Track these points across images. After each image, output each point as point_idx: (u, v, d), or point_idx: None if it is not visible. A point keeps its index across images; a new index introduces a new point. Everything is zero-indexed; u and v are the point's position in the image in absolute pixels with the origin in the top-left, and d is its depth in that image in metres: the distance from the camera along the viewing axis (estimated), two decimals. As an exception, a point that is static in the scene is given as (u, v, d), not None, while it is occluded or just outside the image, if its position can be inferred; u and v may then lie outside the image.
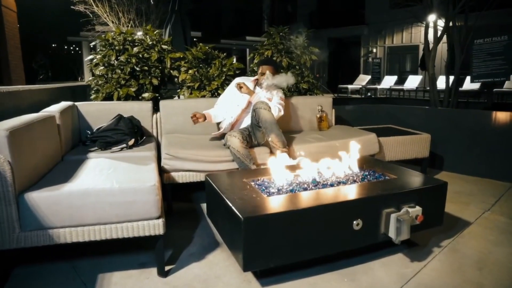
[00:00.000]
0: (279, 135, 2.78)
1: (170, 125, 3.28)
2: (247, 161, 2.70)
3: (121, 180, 1.84)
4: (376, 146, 3.21)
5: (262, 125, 2.79)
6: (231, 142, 2.72)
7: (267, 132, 2.78)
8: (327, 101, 3.73)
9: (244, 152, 2.70)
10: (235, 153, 2.70)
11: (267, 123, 2.77)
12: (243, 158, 2.70)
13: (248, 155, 2.72)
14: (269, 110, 2.80)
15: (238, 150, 2.69)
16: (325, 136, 3.21)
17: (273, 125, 2.78)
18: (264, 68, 3.18)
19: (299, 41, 4.10)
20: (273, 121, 2.79)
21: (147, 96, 3.77)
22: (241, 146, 2.70)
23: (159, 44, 3.94)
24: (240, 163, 2.72)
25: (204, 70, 3.87)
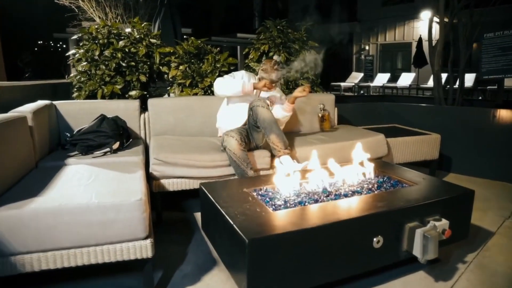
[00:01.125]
0: (279, 135, 2.51)
1: (160, 125, 2.99)
2: (244, 166, 2.43)
3: (101, 193, 1.55)
4: (384, 148, 2.96)
5: (261, 125, 2.52)
6: (228, 143, 2.45)
7: (267, 132, 2.52)
8: (329, 99, 3.48)
9: (241, 156, 2.44)
10: (231, 155, 2.44)
11: (266, 123, 2.50)
12: (240, 162, 2.43)
13: (246, 159, 2.45)
14: (267, 108, 2.53)
15: (235, 152, 2.43)
16: (329, 137, 2.95)
17: (272, 124, 2.51)
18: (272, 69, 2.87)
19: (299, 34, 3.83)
20: (272, 120, 2.52)
21: (134, 94, 3.47)
22: (239, 149, 2.44)
23: (147, 38, 3.64)
24: (236, 167, 2.45)
25: (196, 66, 3.58)
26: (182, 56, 3.63)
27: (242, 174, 2.44)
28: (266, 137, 2.54)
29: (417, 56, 13.88)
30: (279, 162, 2.49)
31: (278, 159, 2.50)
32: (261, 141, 2.66)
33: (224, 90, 2.68)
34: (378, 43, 17.42)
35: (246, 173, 2.43)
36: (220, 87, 2.69)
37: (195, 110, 3.06)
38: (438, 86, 4.32)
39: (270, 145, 2.53)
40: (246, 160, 2.46)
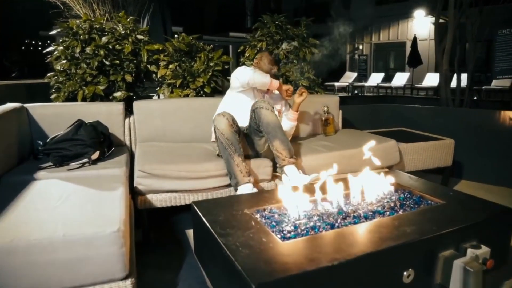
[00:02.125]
0: (284, 141, 2.22)
1: (147, 131, 2.67)
2: (232, 150, 2.15)
3: (70, 221, 1.25)
4: (396, 155, 2.69)
5: (264, 129, 2.23)
6: (218, 122, 2.20)
7: (270, 138, 2.23)
8: (333, 101, 3.19)
9: (230, 137, 2.17)
10: (219, 136, 2.18)
11: (270, 127, 2.21)
12: (227, 144, 2.15)
13: (235, 143, 2.17)
14: (272, 110, 2.24)
15: (223, 132, 2.17)
16: (335, 143, 2.67)
17: (277, 129, 2.22)
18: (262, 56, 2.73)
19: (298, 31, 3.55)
20: (277, 125, 2.23)
21: (119, 95, 3.15)
22: (229, 130, 2.18)
23: (133, 34, 3.32)
24: (223, 151, 2.18)
25: (188, 65, 3.28)
26: (172, 54, 3.32)
27: (227, 160, 2.16)
28: (269, 144, 2.25)
29: (411, 56, 13.72)
30: (284, 173, 2.20)
31: (282, 169, 2.21)
32: (262, 147, 2.37)
33: (249, 78, 2.43)
34: (372, 42, 17.24)
35: (232, 158, 2.15)
36: (244, 74, 2.45)
37: (186, 113, 2.75)
38: (445, 87, 4.07)
39: (274, 152, 2.24)
40: (235, 144, 2.18)
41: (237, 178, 2.14)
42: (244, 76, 2.44)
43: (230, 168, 2.16)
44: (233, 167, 2.15)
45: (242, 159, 2.18)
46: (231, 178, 2.18)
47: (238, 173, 2.14)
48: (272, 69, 2.65)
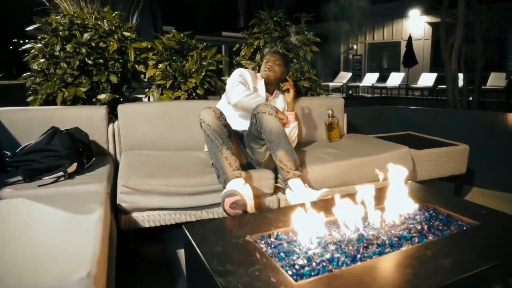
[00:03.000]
0: (289, 151, 1.97)
1: (133, 138, 2.40)
2: (219, 142, 1.89)
3: (28, 260, 0.98)
4: (410, 163, 2.45)
5: (266, 137, 1.97)
6: (203, 115, 1.95)
7: (273, 147, 1.97)
8: (337, 104, 2.94)
9: (217, 128, 1.91)
10: (205, 129, 1.93)
11: (273, 134, 1.95)
12: (213, 136, 1.90)
13: (222, 135, 1.92)
14: (275, 116, 1.99)
15: (209, 124, 1.91)
16: (342, 151, 2.42)
17: (281, 137, 1.97)
18: (275, 57, 2.46)
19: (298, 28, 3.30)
20: (281, 132, 1.98)
21: (103, 98, 2.87)
22: (215, 121, 1.92)
23: (119, 31, 3.04)
24: (210, 144, 1.92)
25: (179, 64, 3.01)
26: (162, 53, 3.05)
27: (214, 153, 1.90)
28: (272, 154, 1.99)
29: (406, 56, 13.57)
30: (288, 187, 1.95)
31: (286, 182, 1.95)
32: (262, 156, 2.11)
33: (236, 100, 2.19)
34: (366, 42, 17.07)
35: (220, 150, 1.88)
36: (234, 94, 2.19)
37: (177, 118, 2.49)
38: (453, 88, 3.85)
39: (277, 163, 1.98)
40: (223, 137, 1.91)
41: (226, 173, 1.86)
42: (232, 96, 2.19)
43: (217, 163, 1.89)
44: (221, 161, 1.88)
45: (231, 153, 1.92)
46: (219, 176, 1.90)
47: (227, 167, 1.87)
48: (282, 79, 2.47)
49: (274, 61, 2.41)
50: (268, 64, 2.41)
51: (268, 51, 2.80)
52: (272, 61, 2.41)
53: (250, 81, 2.33)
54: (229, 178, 1.86)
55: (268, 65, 2.40)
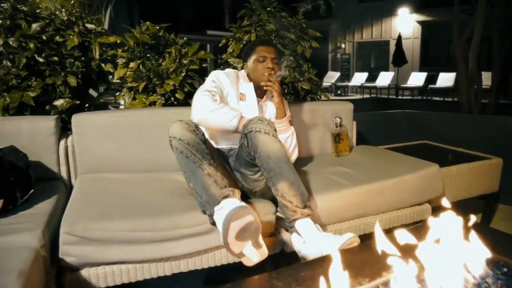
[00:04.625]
0: (295, 182, 1.47)
1: (92, 157, 1.86)
2: (196, 158, 1.40)
3: None
4: (439, 185, 1.98)
5: (262, 164, 1.48)
6: (173, 130, 1.46)
7: (272, 177, 1.48)
8: (345, 109, 2.46)
9: (192, 141, 1.42)
10: (176, 145, 1.44)
11: (272, 161, 1.46)
12: (189, 150, 1.40)
13: (200, 149, 1.43)
14: (274, 135, 1.49)
15: (180, 138, 1.41)
16: (357, 170, 1.94)
17: (283, 163, 1.47)
18: (271, 51, 1.84)
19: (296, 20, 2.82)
20: (282, 158, 1.48)
21: (60, 104, 2.33)
22: (188, 134, 1.43)
23: (80, 22, 2.50)
24: (184, 162, 1.41)
25: (154, 63, 2.49)
26: (133, 49, 2.52)
27: (192, 172, 1.40)
28: (271, 186, 1.50)
29: (396, 55, 13.29)
30: (295, 231, 1.45)
31: (291, 225, 1.46)
32: (258, 184, 1.63)
33: (199, 118, 1.60)
34: (354, 41, 16.74)
35: (200, 166, 1.39)
36: (197, 108, 1.60)
37: (149, 130, 1.96)
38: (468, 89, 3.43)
39: (278, 199, 1.49)
40: (201, 150, 1.42)
41: (211, 193, 1.36)
42: (194, 110, 1.62)
43: (198, 184, 1.39)
44: (203, 179, 1.38)
45: (215, 169, 1.43)
46: (203, 202, 1.39)
47: (212, 186, 1.37)
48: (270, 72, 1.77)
49: (272, 59, 1.81)
50: (265, 63, 1.80)
51: (259, 41, 2.05)
52: (270, 59, 1.80)
53: (230, 87, 1.78)
54: (217, 199, 1.35)
55: (268, 66, 1.78)
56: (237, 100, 1.78)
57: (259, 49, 1.84)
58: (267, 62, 1.79)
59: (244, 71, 1.91)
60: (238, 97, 1.79)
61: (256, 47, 1.86)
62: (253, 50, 1.85)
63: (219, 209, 1.33)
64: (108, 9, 4.66)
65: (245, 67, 1.90)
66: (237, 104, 1.77)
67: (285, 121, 1.79)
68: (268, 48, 1.85)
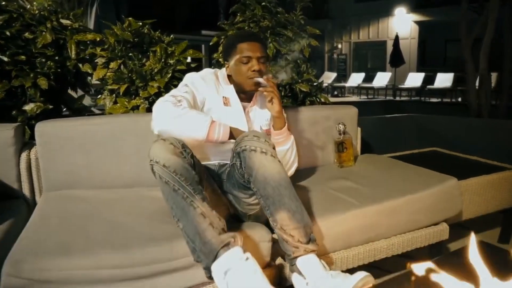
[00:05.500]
0: (297, 211, 1.23)
1: (59, 172, 1.60)
2: (185, 191, 1.13)
3: None
4: (458, 201, 1.74)
5: (258, 190, 1.24)
6: (155, 152, 1.18)
7: (270, 206, 1.23)
8: (349, 114, 2.21)
9: (179, 169, 1.15)
10: (160, 173, 1.16)
11: (270, 186, 1.21)
12: (175, 182, 1.14)
13: (189, 178, 1.16)
14: (272, 155, 1.24)
15: (165, 164, 1.15)
16: (364, 184, 1.70)
17: (283, 189, 1.22)
18: (256, 49, 1.51)
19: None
20: (283, 182, 1.23)
21: (30, 109, 2.10)
22: (174, 158, 1.16)
23: (53, 17, 2.25)
24: (170, 194, 1.15)
25: (137, 63, 2.24)
26: (114, 47, 2.27)
27: (183, 210, 1.13)
28: (268, 216, 1.25)
29: (393, 55, 13.10)
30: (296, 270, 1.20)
31: (292, 262, 1.21)
32: (252, 208, 1.38)
33: (160, 127, 1.34)
34: (351, 41, 16.53)
35: (191, 204, 1.13)
36: (163, 124, 1.34)
37: (126, 140, 1.70)
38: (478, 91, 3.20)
39: (276, 232, 1.24)
40: (191, 180, 1.16)
41: (208, 241, 1.11)
42: (153, 118, 1.37)
43: (190, 227, 1.12)
44: (197, 222, 1.11)
45: (210, 206, 1.16)
46: (196, 250, 1.13)
47: (208, 231, 1.11)
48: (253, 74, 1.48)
49: (258, 58, 1.48)
50: (249, 64, 1.48)
51: (240, 36, 1.63)
52: (255, 59, 1.48)
53: (208, 91, 1.50)
54: (215, 249, 1.11)
55: (253, 69, 1.48)
56: (221, 105, 1.51)
57: (241, 47, 1.50)
58: (252, 64, 1.48)
59: (225, 71, 1.61)
60: (221, 101, 1.52)
61: (237, 44, 1.52)
62: (234, 48, 1.52)
63: (219, 266, 1.10)
64: (94, 6, 4.39)
65: (226, 67, 1.59)
66: (221, 110, 1.50)
67: (285, 131, 1.53)
68: (252, 45, 1.50)
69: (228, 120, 1.40)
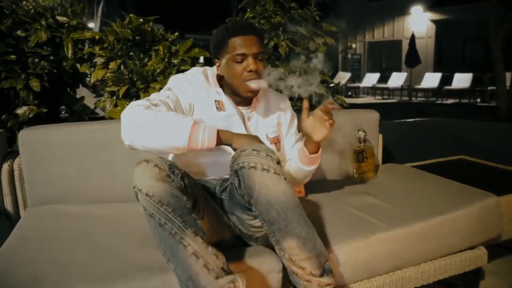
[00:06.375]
0: (308, 238, 1.03)
1: (45, 185, 1.43)
2: (174, 227, 0.94)
3: None
4: (498, 221, 1.51)
5: (261, 214, 1.04)
6: (137, 178, 0.99)
7: (275, 232, 1.04)
8: (370, 120, 1.99)
9: (165, 198, 0.96)
10: (144, 204, 0.97)
11: (274, 210, 1.02)
12: (162, 214, 0.95)
13: (177, 209, 0.96)
14: (277, 173, 1.03)
15: (148, 193, 0.96)
16: (386, 200, 1.49)
17: (291, 213, 1.02)
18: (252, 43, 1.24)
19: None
20: (290, 204, 1.03)
21: (23, 112, 1.95)
22: (160, 186, 0.97)
23: (48, 14, 2.09)
24: (156, 229, 0.96)
25: (138, 63, 2.07)
26: (114, 46, 2.10)
27: (171, 249, 0.95)
28: (274, 244, 1.06)
29: (409, 55, 12.75)
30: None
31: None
32: (259, 230, 1.19)
33: (143, 141, 1.10)
34: (365, 41, 16.20)
35: (181, 242, 0.94)
36: (133, 134, 1.10)
37: (120, 149, 1.52)
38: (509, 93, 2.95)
39: (285, 264, 1.05)
40: (180, 211, 0.96)
41: (201, 285, 0.93)
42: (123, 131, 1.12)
43: (180, 269, 0.94)
44: (188, 263, 0.93)
45: (205, 241, 0.97)
46: None
47: (202, 274, 0.92)
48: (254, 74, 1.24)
49: (254, 54, 1.23)
50: (245, 63, 1.23)
51: (231, 28, 1.27)
52: (251, 56, 1.22)
53: (197, 95, 1.27)
54: None
55: (250, 69, 1.22)
56: (213, 110, 1.27)
57: (234, 42, 1.23)
58: (248, 63, 1.22)
59: (215, 70, 1.36)
60: (213, 106, 1.27)
61: (227, 39, 1.24)
62: (225, 44, 1.25)
63: None
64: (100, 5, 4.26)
65: (217, 65, 1.33)
66: (215, 117, 1.26)
67: (319, 157, 1.32)
68: (247, 39, 1.23)
69: (224, 128, 1.17)
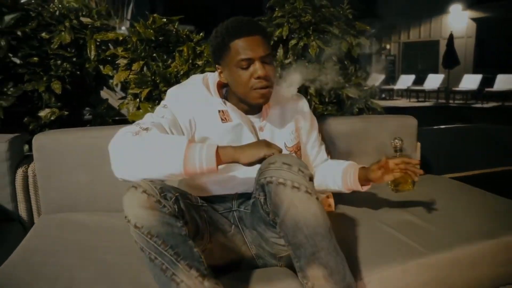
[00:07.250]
0: (336, 271, 0.91)
1: (58, 192, 1.38)
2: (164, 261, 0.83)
3: None
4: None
5: (287, 234, 0.93)
6: (124, 205, 0.88)
7: (300, 258, 0.92)
8: (406, 127, 1.83)
9: (155, 230, 0.84)
10: (135, 236, 0.86)
11: (302, 234, 0.90)
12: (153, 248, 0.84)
13: (168, 240, 0.84)
14: (309, 192, 0.91)
15: (136, 224, 0.84)
16: (425, 218, 1.33)
17: (320, 239, 0.90)
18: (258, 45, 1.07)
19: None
20: (320, 229, 0.91)
21: (45, 114, 1.92)
22: (146, 213, 0.84)
23: (72, 15, 2.06)
24: (148, 264, 0.86)
25: (161, 64, 2.01)
26: (136, 47, 2.04)
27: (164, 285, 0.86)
28: (297, 270, 0.94)
29: (447, 56, 12.21)
30: None
31: None
32: (283, 249, 1.06)
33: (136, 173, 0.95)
34: (400, 41, 15.68)
35: (172, 279, 0.83)
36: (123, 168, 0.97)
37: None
38: None
39: None
40: (174, 239, 0.85)
41: None
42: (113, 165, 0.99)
43: None
44: None
45: (201, 273, 0.85)
46: None
47: None
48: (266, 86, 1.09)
49: (261, 58, 1.07)
50: (251, 69, 1.07)
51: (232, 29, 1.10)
52: (258, 60, 1.07)
53: (198, 108, 1.13)
54: None
55: (258, 75, 1.06)
56: (217, 122, 1.13)
57: (236, 46, 1.07)
58: (256, 68, 1.07)
59: (217, 77, 1.21)
60: (217, 117, 1.13)
61: (229, 42, 1.08)
62: (226, 47, 1.09)
63: None
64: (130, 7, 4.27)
65: (219, 72, 1.18)
66: (220, 129, 1.13)
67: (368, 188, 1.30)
68: (252, 40, 1.07)
69: (233, 141, 1.06)
